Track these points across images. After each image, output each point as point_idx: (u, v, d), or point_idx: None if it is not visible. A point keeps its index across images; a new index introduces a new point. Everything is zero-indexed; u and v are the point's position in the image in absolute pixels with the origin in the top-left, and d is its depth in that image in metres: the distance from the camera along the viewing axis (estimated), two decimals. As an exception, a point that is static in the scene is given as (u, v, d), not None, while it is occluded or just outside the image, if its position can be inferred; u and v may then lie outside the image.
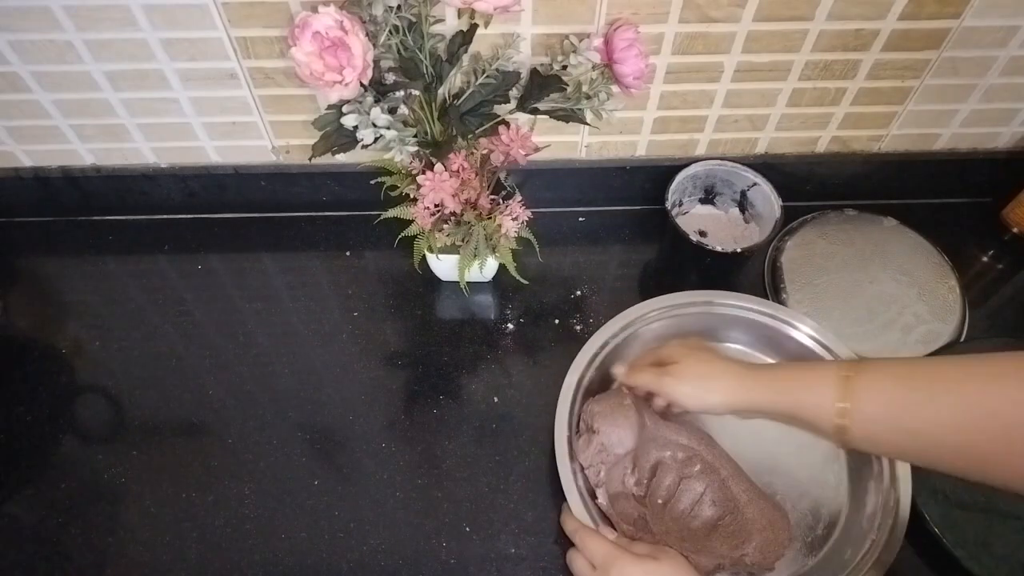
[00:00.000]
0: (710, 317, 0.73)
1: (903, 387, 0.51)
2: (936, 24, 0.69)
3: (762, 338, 0.74)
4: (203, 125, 0.76)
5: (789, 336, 0.72)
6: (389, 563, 0.63)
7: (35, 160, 0.80)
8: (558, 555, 0.63)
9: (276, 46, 0.67)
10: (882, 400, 0.52)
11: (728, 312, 0.73)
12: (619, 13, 0.65)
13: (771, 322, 0.72)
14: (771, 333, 0.73)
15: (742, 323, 0.73)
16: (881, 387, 0.52)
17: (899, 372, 0.53)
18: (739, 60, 0.71)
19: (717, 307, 0.73)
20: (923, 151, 0.83)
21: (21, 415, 0.72)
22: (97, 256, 0.84)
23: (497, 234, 0.68)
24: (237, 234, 0.85)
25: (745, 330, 0.74)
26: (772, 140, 0.81)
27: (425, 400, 0.72)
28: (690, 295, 0.73)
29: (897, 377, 0.52)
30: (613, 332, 0.71)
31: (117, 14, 0.64)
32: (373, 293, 0.80)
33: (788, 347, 0.72)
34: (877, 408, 0.52)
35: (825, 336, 0.70)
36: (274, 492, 0.67)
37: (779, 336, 0.72)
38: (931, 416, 0.49)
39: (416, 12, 0.58)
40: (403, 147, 0.62)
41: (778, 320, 0.72)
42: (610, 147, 0.80)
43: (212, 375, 0.74)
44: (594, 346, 0.70)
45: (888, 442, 0.53)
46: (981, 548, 0.62)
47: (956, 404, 0.48)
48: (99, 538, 0.65)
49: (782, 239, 0.82)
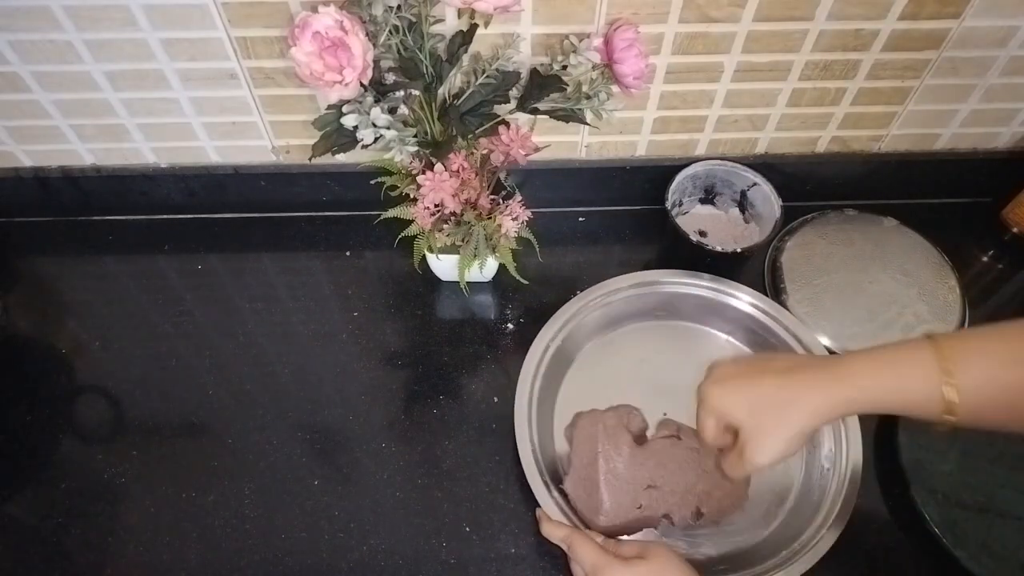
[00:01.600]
0: (658, 296, 0.76)
1: (1003, 350, 0.49)
2: (936, 24, 0.69)
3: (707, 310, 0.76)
4: (203, 125, 0.76)
5: (733, 307, 0.74)
6: (389, 563, 0.63)
7: (35, 160, 0.80)
8: (558, 555, 0.63)
9: (276, 46, 0.67)
10: (985, 366, 0.49)
11: (676, 290, 0.75)
12: (619, 13, 0.65)
13: (715, 295, 0.75)
14: (716, 307, 0.75)
15: (690, 299, 0.76)
16: (981, 354, 0.50)
17: (993, 336, 0.51)
18: (739, 60, 0.71)
19: (664, 285, 0.75)
20: (923, 151, 0.83)
21: (21, 415, 0.72)
22: (97, 256, 0.84)
23: (497, 234, 0.68)
24: (237, 234, 0.85)
25: (694, 306, 0.76)
26: (772, 140, 0.81)
27: (425, 400, 0.72)
28: (639, 276, 0.76)
29: (994, 341, 0.50)
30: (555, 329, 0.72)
31: (117, 14, 0.64)
32: (373, 293, 0.80)
33: (732, 317, 0.75)
34: (981, 377, 0.49)
35: (768, 304, 0.73)
36: (274, 492, 0.67)
37: (724, 308, 0.75)
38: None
39: (416, 12, 0.58)
40: (403, 147, 0.62)
41: (721, 293, 0.75)
42: (610, 147, 0.80)
43: (212, 375, 0.74)
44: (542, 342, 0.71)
45: (993, 409, 0.49)
46: (981, 548, 0.62)
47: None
48: (99, 538, 0.65)
49: (782, 239, 0.82)
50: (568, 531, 0.59)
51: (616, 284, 0.75)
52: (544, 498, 0.62)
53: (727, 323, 0.76)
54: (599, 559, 0.55)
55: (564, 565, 0.61)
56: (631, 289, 0.75)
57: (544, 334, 0.71)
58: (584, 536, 0.58)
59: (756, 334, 0.74)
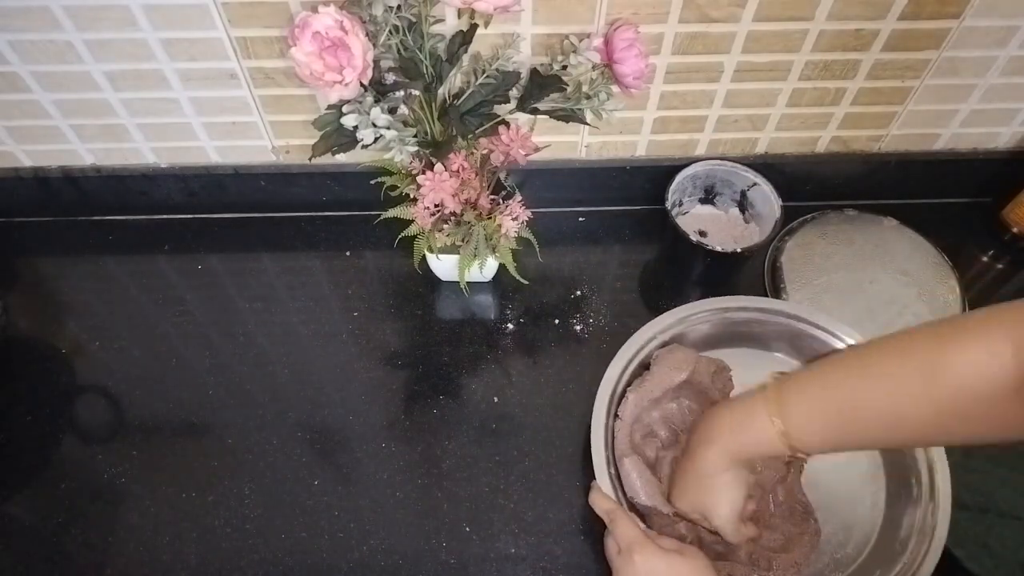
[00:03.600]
0: (756, 324, 0.71)
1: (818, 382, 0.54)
2: (936, 24, 0.69)
3: (804, 348, 0.71)
4: (203, 125, 0.76)
5: (827, 344, 0.69)
6: (389, 563, 0.63)
7: (35, 160, 0.80)
8: (558, 555, 0.63)
9: (276, 46, 0.67)
10: (804, 401, 0.54)
11: (772, 320, 0.70)
12: (619, 13, 0.65)
13: (815, 332, 0.69)
14: (817, 345, 0.70)
15: (786, 334, 0.71)
16: (799, 391, 0.54)
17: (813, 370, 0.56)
18: (739, 60, 0.71)
19: (768, 315, 0.70)
20: (923, 151, 0.83)
21: (21, 415, 0.72)
22: (97, 256, 0.84)
23: (497, 234, 0.68)
24: (237, 234, 0.85)
25: (790, 341, 0.72)
26: (772, 140, 0.81)
27: (425, 400, 0.72)
28: (745, 300, 0.71)
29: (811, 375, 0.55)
30: (663, 327, 0.69)
31: (117, 14, 0.64)
32: (373, 293, 0.80)
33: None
34: (804, 414, 0.54)
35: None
36: (274, 492, 0.67)
37: (820, 345, 0.70)
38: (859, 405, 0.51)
39: (416, 12, 0.58)
40: (403, 147, 0.62)
41: (821, 329, 0.69)
42: (610, 147, 0.80)
43: (212, 375, 0.74)
44: (641, 339, 0.68)
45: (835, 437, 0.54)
46: (981, 548, 0.62)
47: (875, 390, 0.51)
48: (99, 538, 0.65)
49: (782, 239, 0.82)
50: (614, 506, 0.59)
51: (724, 304, 0.71)
52: (602, 474, 0.61)
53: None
54: (638, 537, 0.56)
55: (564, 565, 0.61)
56: (738, 313, 0.70)
57: (645, 331, 0.68)
58: (627, 514, 0.59)
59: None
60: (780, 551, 0.61)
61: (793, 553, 0.61)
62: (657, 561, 0.54)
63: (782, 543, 0.61)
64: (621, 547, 0.56)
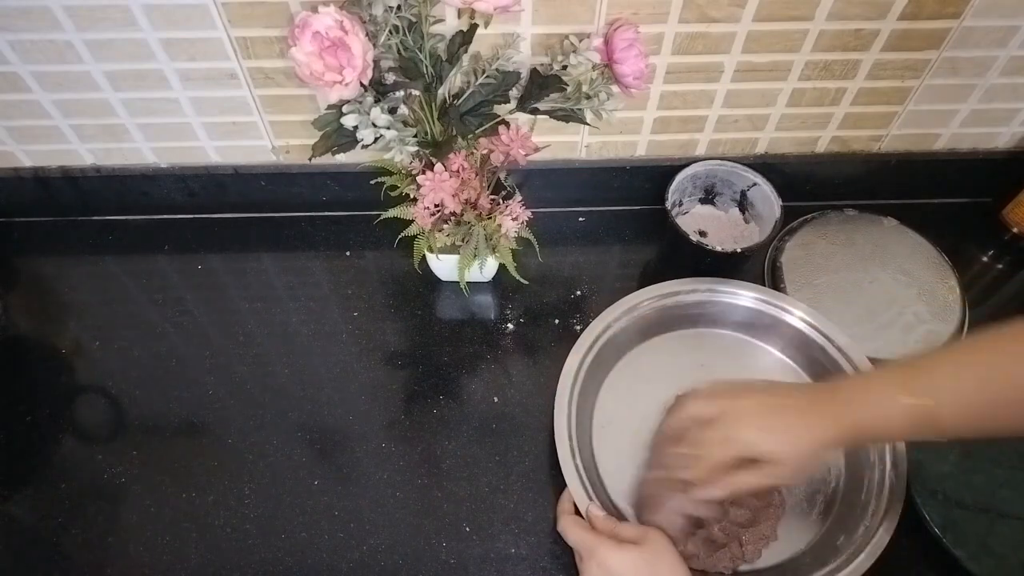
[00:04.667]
0: (709, 304, 0.75)
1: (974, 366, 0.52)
2: (936, 24, 0.69)
3: (760, 326, 0.75)
4: (203, 125, 0.76)
5: (787, 323, 0.73)
6: (389, 563, 0.63)
7: (35, 160, 0.80)
8: (558, 555, 0.63)
9: (276, 46, 0.67)
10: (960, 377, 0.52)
11: (727, 300, 0.74)
12: (619, 13, 0.65)
13: (769, 309, 0.74)
14: (769, 321, 0.74)
15: (740, 311, 0.75)
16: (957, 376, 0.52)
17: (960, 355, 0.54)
18: (739, 60, 0.71)
19: (718, 294, 0.74)
20: (923, 151, 0.83)
21: (21, 415, 0.72)
22: (97, 256, 0.84)
23: (497, 234, 0.68)
24: (237, 234, 0.85)
25: (744, 317, 0.75)
26: (772, 140, 0.81)
27: (425, 400, 0.72)
28: (693, 282, 0.74)
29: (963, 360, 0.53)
30: (615, 316, 0.72)
31: (117, 14, 0.64)
32: (373, 293, 0.80)
33: (786, 333, 0.74)
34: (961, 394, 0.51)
35: (818, 320, 0.72)
36: (274, 492, 0.67)
37: (778, 323, 0.74)
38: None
39: (416, 12, 0.58)
40: (403, 147, 0.62)
41: (774, 307, 0.73)
42: (610, 147, 0.80)
43: (212, 375, 0.74)
44: (595, 330, 0.71)
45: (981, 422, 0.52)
46: (981, 548, 0.62)
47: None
48: (99, 538, 0.65)
49: (782, 239, 0.82)
50: (563, 513, 0.59)
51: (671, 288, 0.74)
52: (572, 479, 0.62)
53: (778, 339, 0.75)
54: (589, 541, 0.55)
55: (564, 565, 0.61)
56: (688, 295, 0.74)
57: (594, 327, 0.71)
58: (573, 518, 0.58)
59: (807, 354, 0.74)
60: (748, 525, 0.62)
61: (761, 526, 0.62)
62: (613, 561, 0.53)
63: (749, 517, 0.63)
64: (581, 555, 0.56)
